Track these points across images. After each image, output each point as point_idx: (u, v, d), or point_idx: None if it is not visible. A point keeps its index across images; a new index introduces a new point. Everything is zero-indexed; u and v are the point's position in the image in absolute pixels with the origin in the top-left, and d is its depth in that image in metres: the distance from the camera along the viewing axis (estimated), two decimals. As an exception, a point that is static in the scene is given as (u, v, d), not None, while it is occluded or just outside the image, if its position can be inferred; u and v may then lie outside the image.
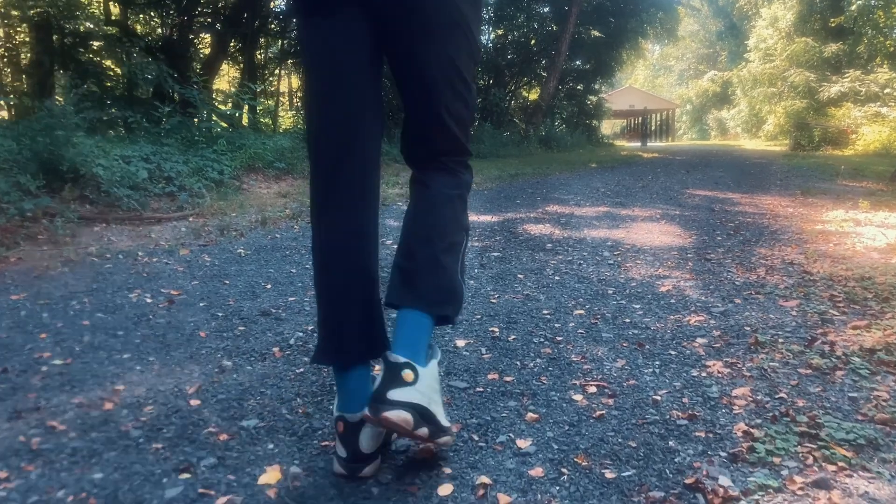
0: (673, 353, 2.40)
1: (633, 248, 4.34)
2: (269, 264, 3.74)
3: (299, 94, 20.08)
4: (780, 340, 2.51)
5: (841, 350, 2.38)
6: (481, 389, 2.05)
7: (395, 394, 1.38)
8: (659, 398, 1.99)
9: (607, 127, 40.77)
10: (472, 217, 5.53)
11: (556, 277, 3.53)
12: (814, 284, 3.36)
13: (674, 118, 49.36)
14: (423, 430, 1.41)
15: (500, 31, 22.78)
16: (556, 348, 2.44)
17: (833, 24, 28.46)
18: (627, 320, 2.78)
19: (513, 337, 2.55)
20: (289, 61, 18.06)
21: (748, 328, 2.68)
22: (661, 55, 69.06)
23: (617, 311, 2.92)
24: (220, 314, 2.81)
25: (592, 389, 2.06)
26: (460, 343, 2.47)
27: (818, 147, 23.99)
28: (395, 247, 1.62)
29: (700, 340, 2.52)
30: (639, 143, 33.08)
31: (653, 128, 44.21)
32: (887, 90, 25.77)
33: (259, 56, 17.64)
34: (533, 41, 23.08)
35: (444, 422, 1.50)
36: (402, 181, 8.34)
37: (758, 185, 9.17)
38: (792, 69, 29.89)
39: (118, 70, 10.12)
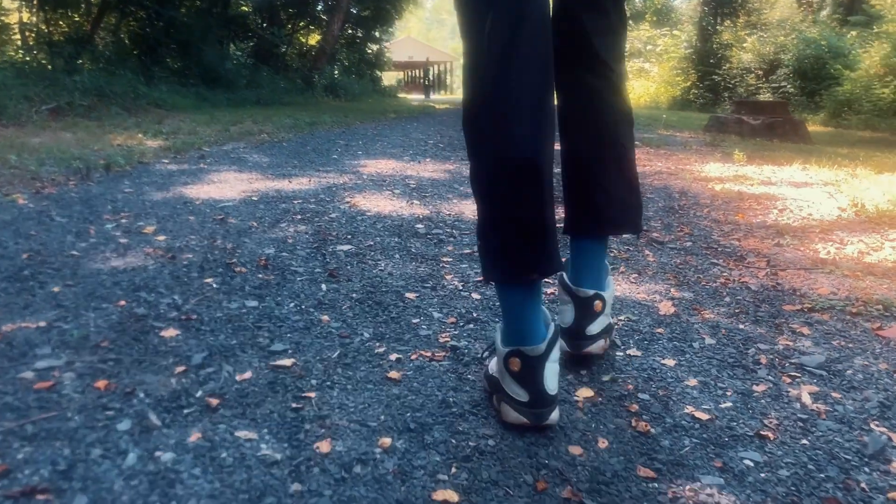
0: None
1: (544, 228, 2.88)
2: None
3: (34, 29, 16.21)
4: None
5: None
6: None
7: (592, 328, 1.43)
8: None
9: (386, 78, 39.17)
10: (276, 183, 3.76)
11: (470, 296, 1.97)
12: (863, 283, 2.13)
13: (452, 71, 49.11)
14: (608, 343, 1.51)
15: (273, -33, 20.21)
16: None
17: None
18: (701, 416, 1.30)
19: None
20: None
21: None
22: (433, 8, 68.87)
23: (645, 384, 1.43)
24: None
25: None
26: None
27: (593, 100, 24.45)
28: None
29: (905, 473, 1.11)
30: (422, 96, 32.07)
31: (428, 81, 43.51)
32: (649, 47, 27.05)
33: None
34: (310, -21, 20.84)
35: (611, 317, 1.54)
36: (166, 130, 6.22)
37: (587, 136, 8.21)
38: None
39: None
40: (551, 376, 1.20)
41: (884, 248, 2.58)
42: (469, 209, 3.22)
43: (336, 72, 21.25)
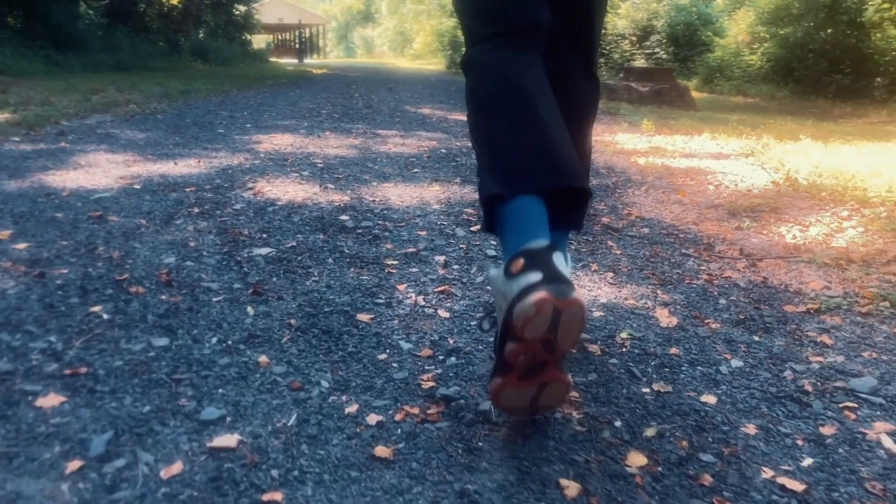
0: None
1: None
2: None
3: None
4: None
5: None
6: None
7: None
8: None
9: (255, 41, 37.02)
10: (159, 166, 3.23)
11: (437, 315, 1.61)
12: (851, 274, 1.95)
13: (324, 34, 47.50)
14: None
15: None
16: None
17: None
18: (793, 486, 1.03)
19: None
20: None
21: None
22: (302, -32, 66.63)
23: (698, 437, 1.15)
24: None
25: None
26: None
27: (471, 66, 24.28)
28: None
29: None
30: (295, 60, 30.77)
31: (301, 44, 41.87)
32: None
33: None
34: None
35: None
36: (14, 100, 5.38)
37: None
38: (439, -13, 30.05)
39: None
40: (562, 265, 1.01)
41: (845, 230, 2.44)
42: (394, 194, 2.84)
43: (201, 34, 19.91)
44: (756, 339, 1.55)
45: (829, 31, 12.19)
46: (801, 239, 2.35)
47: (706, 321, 1.63)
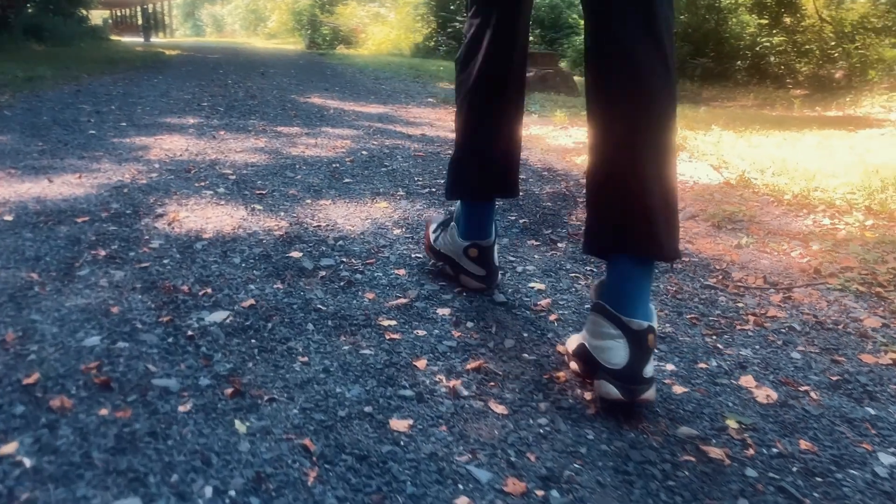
0: None
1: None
2: None
3: None
4: None
5: None
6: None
7: (648, 369, 1.17)
8: None
9: (92, 17, 33.65)
10: (30, 185, 2.60)
11: (490, 410, 1.24)
12: (895, 304, 1.76)
13: (169, 11, 44.48)
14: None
15: None
16: None
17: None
18: None
19: None
20: None
21: None
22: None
23: None
24: None
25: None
26: None
27: (332, 45, 23.60)
28: None
29: None
30: (140, 39, 28.54)
31: (147, 22, 38.97)
32: (384, -9, 26.60)
33: None
34: None
35: None
36: None
37: (369, 90, 7.47)
38: (294, -36, 28.98)
39: None
40: (496, 256, 1.71)
41: (847, 245, 2.27)
42: (338, 215, 2.40)
43: (30, 9, 17.89)
44: (871, 412, 1.28)
45: (689, 14, 12.62)
46: (809, 258, 2.15)
47: (801, 388, 1.36)
